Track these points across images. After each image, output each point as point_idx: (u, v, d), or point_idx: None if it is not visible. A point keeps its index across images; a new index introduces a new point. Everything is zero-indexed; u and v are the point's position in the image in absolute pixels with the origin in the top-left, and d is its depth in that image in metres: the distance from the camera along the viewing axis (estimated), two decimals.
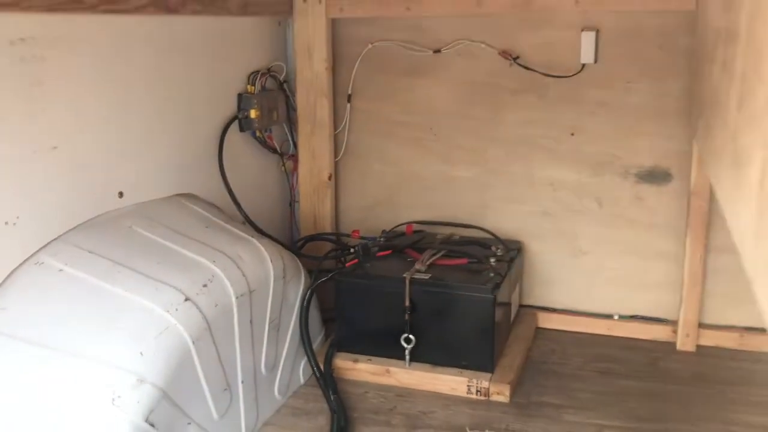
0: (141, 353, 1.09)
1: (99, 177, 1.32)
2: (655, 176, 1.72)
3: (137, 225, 1.35)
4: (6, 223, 1.13)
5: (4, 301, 1.12)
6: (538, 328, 1.86)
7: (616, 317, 1.81)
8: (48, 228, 1.21)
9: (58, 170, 1.23)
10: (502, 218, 1.86)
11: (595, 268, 1.81)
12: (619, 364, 1.68)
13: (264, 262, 1.44)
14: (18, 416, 1.05)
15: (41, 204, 1.20)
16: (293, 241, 1.95)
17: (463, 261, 1.64)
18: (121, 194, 1.38)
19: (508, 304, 1.69)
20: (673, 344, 1.74)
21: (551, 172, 1.80)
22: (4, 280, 1.14)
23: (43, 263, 1.18)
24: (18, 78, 1.13)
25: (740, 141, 0.74)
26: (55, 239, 1.22)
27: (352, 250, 1.67)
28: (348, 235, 1.86)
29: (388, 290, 1.56)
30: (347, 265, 1.62)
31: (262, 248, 1.46)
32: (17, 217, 1.15)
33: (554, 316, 1.86)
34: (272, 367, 1.47)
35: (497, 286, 1.54)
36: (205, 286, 1.26)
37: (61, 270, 1.18)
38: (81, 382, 1.06)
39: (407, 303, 1.54)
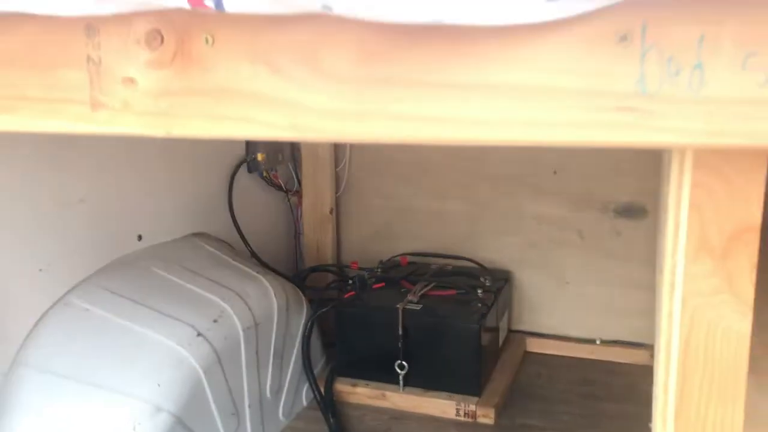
0: (158, 384, 1.24)
1: (120, 223, 1.48)
2: (632, 212, 1.85)
3: (154, 265, 1.50)
4: (40, 270, 1.28)
5: (38, 338, 1.27)
6: (527, 352, 1.98)
7: (598, 342, 1.94)
8: (75, 271, 1.36)
9: (85, 220, 1.38)
10: (492, 250, 1.99)
11: (579, 295, 1.94)
12: (601, 387, 1.80)
13: (269, 296, 1.58)
14: None
15: (69, 250, 1.35)
16: (297, 271, 2.10)
17: (452, 292, 1.77)
18: (140, 237, 1.53)
19: (495, 331, 1.82)
20: (650, 368, 1.85)
21: (536, 207, 1.93)
22: (39, 320, 1.29)
23: (71, 304, 1.33)
24: (49, 143, 1.28)
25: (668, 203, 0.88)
26: (81, 281, 1.37)
27: (350, 281, 1.81)
28: (348, 266, 2.01)
29: (383, 320, 1.70)
30: (345, 296, 1.76)
31: (267, 284, 1.61)
32: (49, 264, 1.30)
33: (542, 340, 1.99)
34: (277, 392, 1.61)
35: (483, 315, 1.68)
36: (215, 321, 1.41)
37: (87, 309, 1.33)
38: (105, 411, 1.21)
39: (400, 332, 1.68)
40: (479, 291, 1.77)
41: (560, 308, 1.96)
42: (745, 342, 0.47)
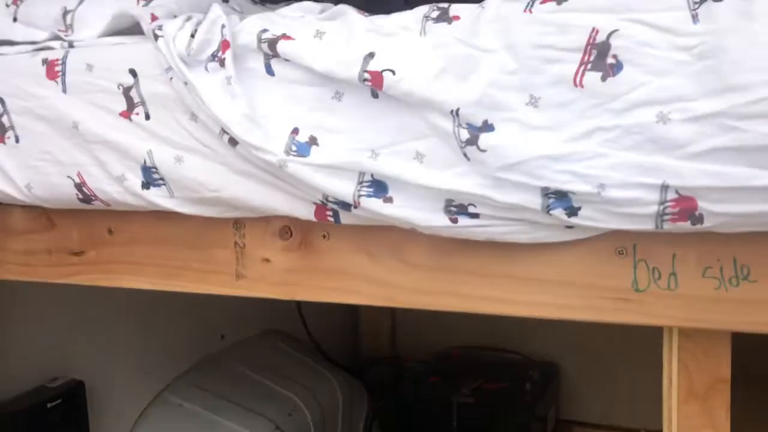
0: None
1: (206, 326, 1.68)
2: None
3: (236, 362, 1.70)
4: (144, 373, 1.49)
5: (141, 431, 1.46)
6: None
7: (642, 431, 2.03)
8: (171, 370, 1.56)
9: (179, 325, 1.59)
10: (540, 341, 2.13)
11: (623, 386, 2.05)
12: None
13: (334, 390, 1.76)
14: None
15: (167, 352, 1.55)
16: (357, 362, 2.26)
17: (503, 385, 1.91)
18: (222, 337, 1.74)
19: (543, 421, 1.94)
20: None
21: None
22: (140, 415, 1.49)
23: (167, 400, 1.53)
24: None
25: None
26: (175, 379, 1.57)
27: (406, 375, 1.98)
28: (404, 358, 2.17)
29: (438, 413, 1.84)
30: (403, 390, 1.92)
31: (333, 378, 1.78)
32: (153, 366, 1.51)
33: (589, 430, 2.09)
34: None
35: (531, 408, 1.81)
36: (289, 415, 1.58)
37: (180, 405, 1.52)
38: None
39: (455, 423, 1.82)
40: (528, 384, 1.91)
41: (607, 398, 2.07)
42: None
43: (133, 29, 0.77)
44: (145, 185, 0.73)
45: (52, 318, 1.30)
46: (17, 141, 0.79)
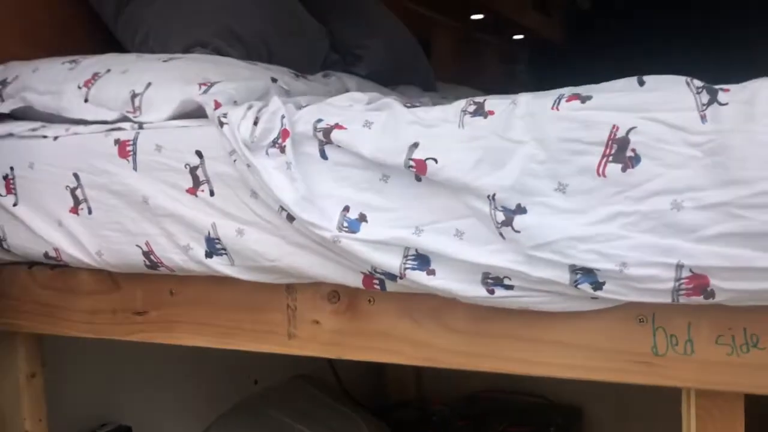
0: None
1: (241, 373, 1.75)
2: None
3: (268, 407, 1.75)
4: (185, 417, 1.56)
5: None
6: None
7: None
8: (209, 415, 1.63)
9: (217, 373, 1.66)
10: (564, 386, 2.16)
11: (645, 430, 2.08)
12: None
13: None
14: None
15: (205, 398, 1.62)
16: (383, 405, 2.31)
17: (529, 429, 1.95)
18: (256, 382, 1.80)
19: None
20: None
21: None
22: None
23: None
24: None
25: None
26: (214, 422, 1.64)
27: (433, 417, 2.02)
28: (432, 401, 2.21)
29: None
30: None
31: (362, 423, 1.83)
32: (192, 411, 1.57)
33: None
34: None
35: None
36: None
37: None
38: None
39: None
40: (552, 429, 1.94)
41: None
42: None
43: (196, 112, 0.86)
44: (209, 254, 0.80)
45: (102, 368, 1.37)
46: (90, 212, 0.87)
